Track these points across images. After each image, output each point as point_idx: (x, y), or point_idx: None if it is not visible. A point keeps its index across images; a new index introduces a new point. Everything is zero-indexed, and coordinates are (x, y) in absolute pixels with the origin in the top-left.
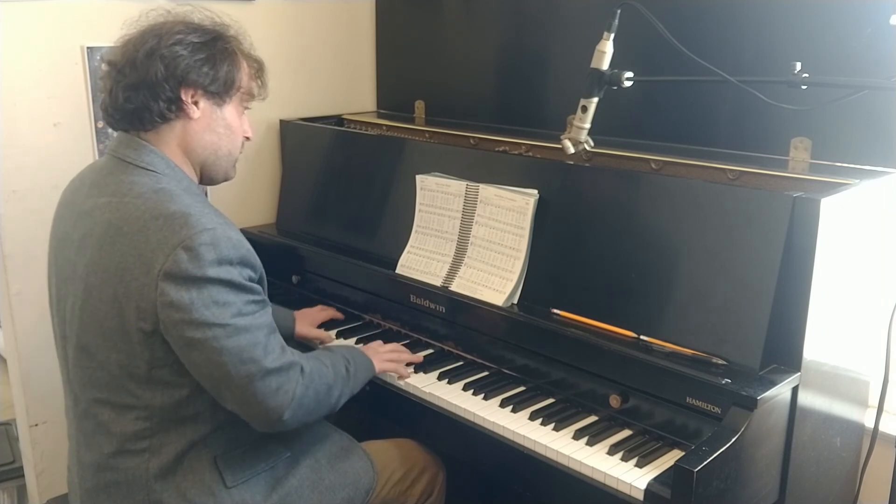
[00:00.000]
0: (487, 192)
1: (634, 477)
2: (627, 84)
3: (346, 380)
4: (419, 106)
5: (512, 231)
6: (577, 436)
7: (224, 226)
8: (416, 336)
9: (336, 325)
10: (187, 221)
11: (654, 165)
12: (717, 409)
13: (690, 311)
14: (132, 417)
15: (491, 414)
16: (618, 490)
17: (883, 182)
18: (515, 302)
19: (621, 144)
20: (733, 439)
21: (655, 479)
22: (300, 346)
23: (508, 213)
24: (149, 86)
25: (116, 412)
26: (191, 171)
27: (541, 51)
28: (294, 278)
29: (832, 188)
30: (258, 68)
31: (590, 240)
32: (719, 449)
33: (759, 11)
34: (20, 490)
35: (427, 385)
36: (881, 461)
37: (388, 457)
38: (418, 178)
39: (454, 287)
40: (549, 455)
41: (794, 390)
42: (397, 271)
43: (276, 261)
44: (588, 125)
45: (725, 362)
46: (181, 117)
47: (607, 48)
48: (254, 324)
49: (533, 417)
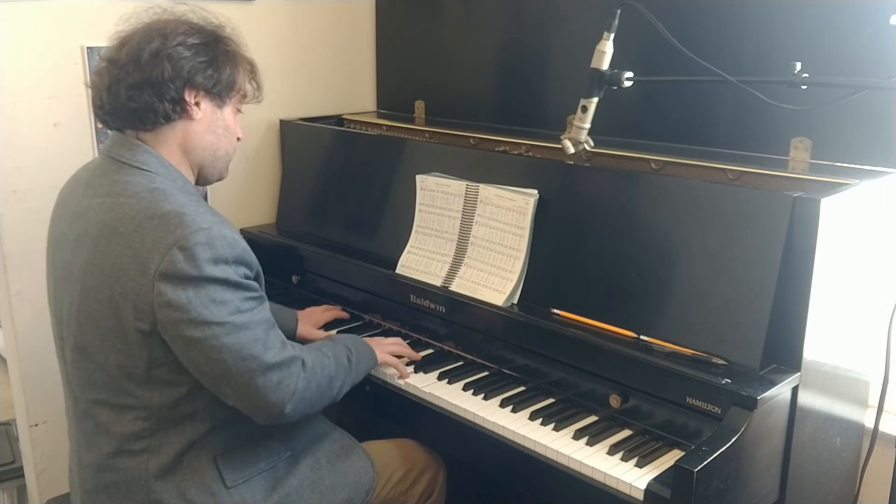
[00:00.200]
0: (487, 192)
1: (634, 477)
2: (627, 84)
3: (347, 370)
4: (419, 106)
5: (512, 231)
6: (577, 436)
7: (219, 225)
8: (416, 336)
9: (336, 325)
10: (182, 221)
11: (654, 165)
12: (717, 409)
13: (690, 311)
14: (131, 417)
15: (491, 414)
16: (618, 490)
17: (883, 182)
18: (515, 302)
19: (621, 144)
20: (733, 439)
21: (655, 479)
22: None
23: (508, 213)
24: (154, 85)
25: (115, 412)
26: (188, 172)
27: (541, 51)
28: (294, 278)
29: (832, 188)
30: (251, 69)
31: (590, 240)
32: (719, 449)
33: (759, 11)
34: (20, 490)
35: (427, 385)
36: (881, 461)
37: (389, 457)
38: (418, 178)
39: (454, 287)
40: (549, 455)
41: (794, 390)
42: (397, 271)
43: (276, 261)
44: (588, 125)
45: (725, 362)
46: (183, 118)
47: (607, 48)
48: (252, 320)
49: (533, 417)
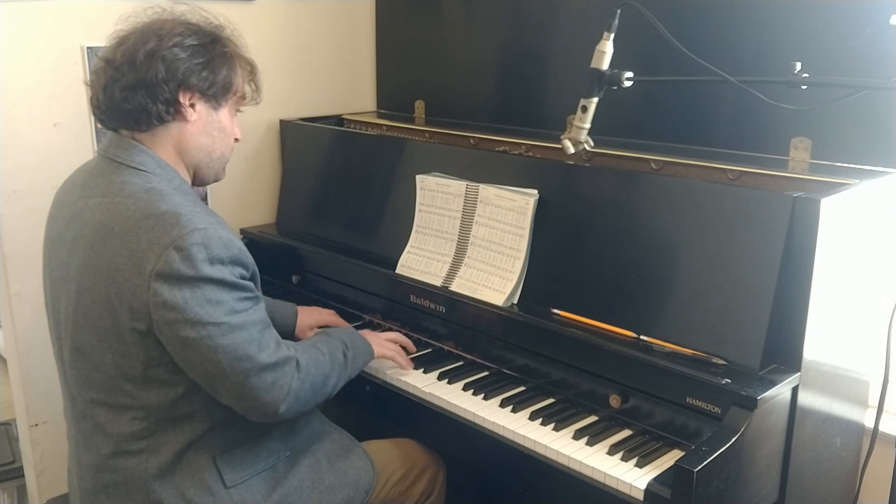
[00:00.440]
0: (487, 192)
1: (634, 477)
2: (627, 84)
3: (343, 366)
4: (419, 106)
5: (512, 231)
6: (577, 436)
7: (215, 225)
8: (416, 336)
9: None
10: (178, 221)
11: (654, 165)
12: (717, 409)
13: (690, 311)
14: (129, 418)
15: (491, 414)
16: (618, 490)
17: (883, 182)
18: (515, 302)
19: (621, 144)
20: (733, 439)
21: (655, 479)
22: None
23: (508, 213)
24: (148, 86)
25: (113, 413)
26: (184, 173)
27: (541, 51)
28: (294, 278)
29: (832, 188)
30: (251, 70)
31: (590, 240)
32: (719, 449)
33: (759, 11)
34: (20, 490)
35: (427, 385)
36: (881, 461)
37: (388, 457)
38: (418, 178)
39: (454, 287)
40: (549, 455)
41: (794, 390)
42: (397, 271)
43: (276, 261)
44: (588, 125)
45: (725, 362)
46: (177, 119)
47: (607, 48)
48: (248, 321)
49: (533, 417)
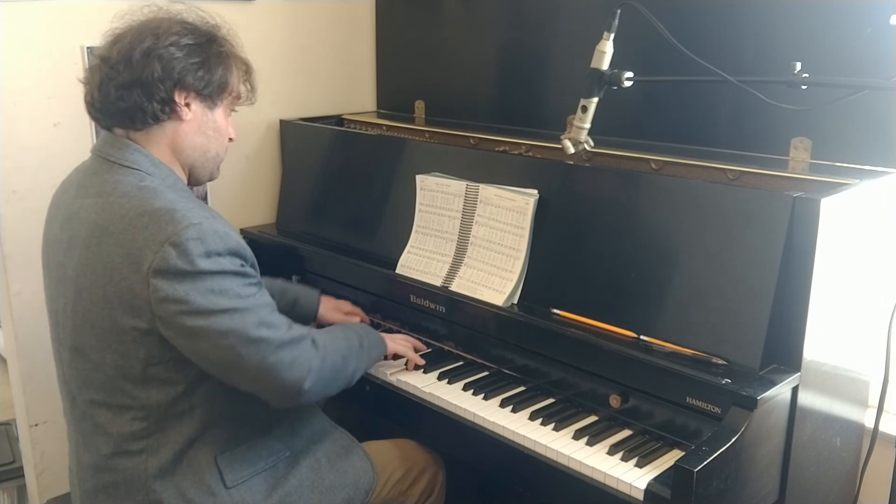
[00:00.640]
0: (487, 192)
1: (634, 477)
2: (627, 84)
3: (359, 353)
4: (419, 106)
5: (512, 231)
6: (577, 436)
7: (210, 219)
8: (415, 336)
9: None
10: (173, 217)
11: (654, 165)
12: (717, 409)
13: (690, 311)
14: (129, 418)
15: (491, 414)
16: (618, 490)
17: (883, 182)
18: (515, 302)
19: (621, 144)
20: (733, 439)
21: (655, 479)
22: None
23: (508, 213)
24: (143, 85)
25: (113, 413)
26: (179, 171)
27: (541, 51)
28: (294, 278)
29: (832, 188)
30: (246, 70)
31: (590, 240)
32: (719, 449)
33: (759, 11)
34: (20, 490)
35: (427, 385)
36: (881, 461)
37: (388, 457)
38: (418, 178)
39: (454, 287)
40: (549, 455)
41: (794, 390)
42: (397, 271)
43: (276, 261)
44: (588, 125)
45: (725, 362)
46: (173, 119)
47: (607, 48)
48: (256, 304)
49: (533, 417)
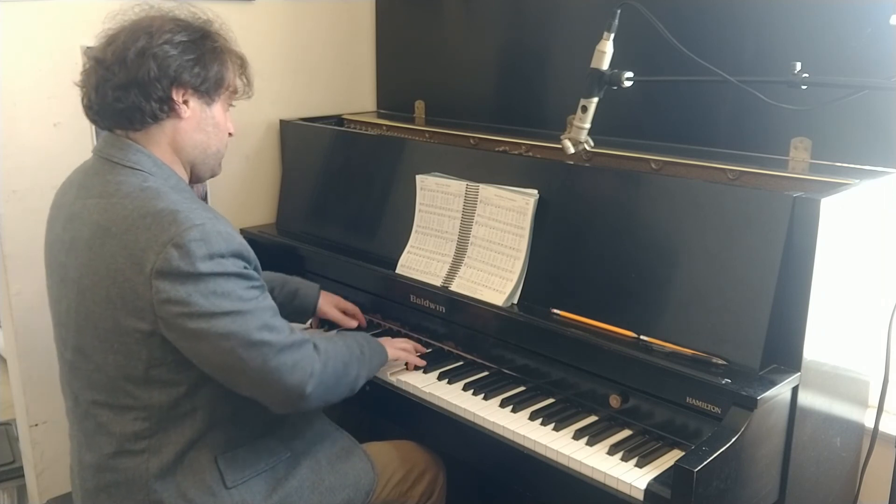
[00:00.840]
0: (487, 192)
1: (634, 477)
2: (627, 84)
3: (360, 360)
4: (419, 106)
5: (512, 231)
6: (577, 436)
7: (213, 220)
8: (416, 336)
9: (335, 325)
10: (176, 218)
11: (654, 165)
12: (717, 409)
13: (690, 311)
14: (131, 418)
15: (491, 414)
16: (618, 490)
17: (883, 182)
18: (515, 302)
19: (621, 144)
20: (733, 439)
21: (655, 479)
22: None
23: (508, 213)
24: (140, 85)
25: (115, 413)
26: (181, 170)
27: (541, 51)
28: None
29: (832, 188)
30: (241, 64)
31: (590, 240)
32: (719, 449)
33: (759, 11)
34: (20, 490)
35: (427, 385)
36: (881, 461)
37: (389, 458)
38: (418, 178)
39: (454, 287)
40: (549, 455)
41: (794, 390)
42: (397, 271)
43: (276, 261)
44: (588, 125)
45: (725, 362)
46: (171, 117)
47: (607, 48)
48: (258, 307)
49: (533, 417)
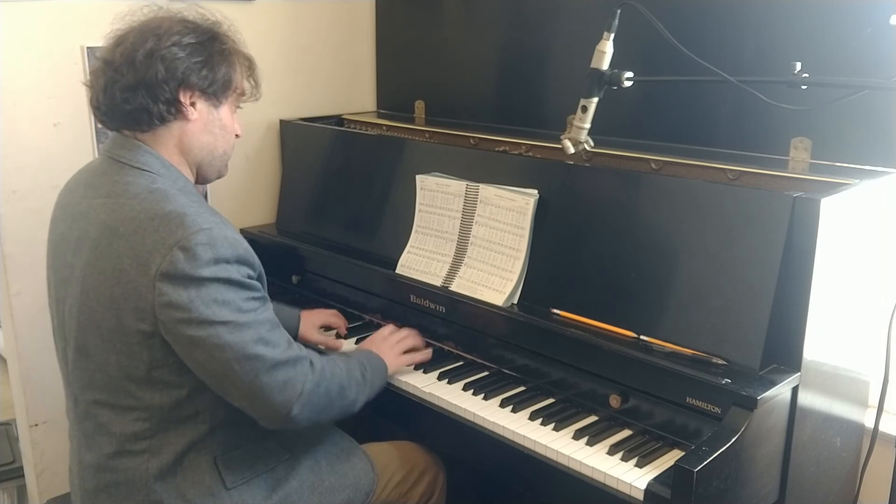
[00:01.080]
0: (487, 192)
1: (634, 477)
2: (627, 84)
3: (360, 385)
4: (419, 106)
5: (512, 231)
6: (577, 436)
7: (220, 225)
8: None
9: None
10: (183, 222)
11: (654, 165)
12: (717, 409)
13: (690, 311)
14: (132, 418)
15: (491, 414)
16: (618, 490)
17: (883, 182)
18: (515, 302)
19: (621, 144)
20: (733, 439)
21: (655, 479)
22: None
23: (508, 213)
24: (148, 87)
25: (116, 413)
26: (188, 172)
27: (541, 51)
28: (294, 278)
29: (832, 188)
30: (249, 66)
31: (590, 240)
32: (719, 449)
33: (759, 11)
34: (20, 490)
35: (427, 385)
36: (881, 461)
37: (389, 459)
38: (418, 178)
39: (454, 287)
40: (549, 455)
41: (794, 390)
42: (397, 271)
43: (276, 261)
44: (588, 125)
45: (725, 362)
46: (179, 119)
47: (607, 48)
48: (256, 319)
49: (533, 417)
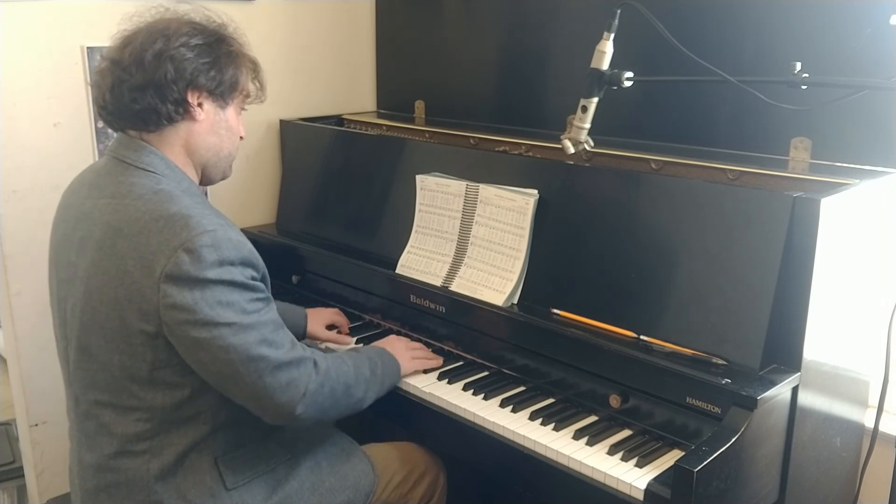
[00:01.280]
0: (487, 192)
1: (634, 477)
2: (627, 84)
3: (369, 381)
4: (419, 106)
5: (512, 231)
6: (577, 436)
7: (225, 227)
8: (415, 336)
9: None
10: (188, 223)
11: (654, 165)
12: (717, 409)
13: (690, 311)
14: (134, 419)
15: (491, 414)
16: (618, 490)
17: (883, 182)
18: (515, 302)
19: (621, 144)
20: (733, 439)
21: (655, 479)
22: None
23: (508, 213)
24: (157, 87)
25: (118, 413)
26: (192, 173)
27: (541, 51)
28: (294, 278)
29: (832, 188)
30: (255, 68)
31: (590, 240)
32: (719, 449)
33: (759, 11)
34: (20, 490)
35: (427, 385)
36: (881, 461)
37: (389, 459)
38: (418, 178)
39: (454, 287)
40: (549, 455)
41: (794, 390)
42: (397, 271)
43: (276, 261)
44: (588, 125)
45: (725, 362)
46: (186, 119)
47: (607, 48)
48: (260, 320)
49: (533, 417)
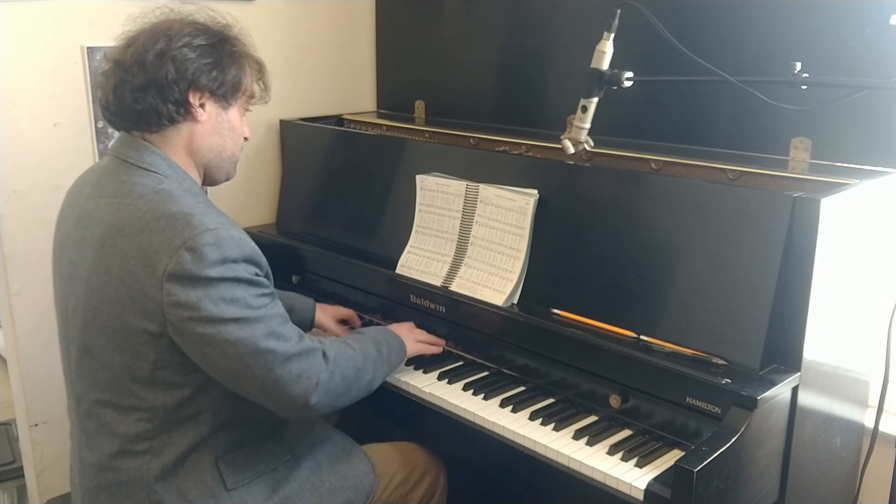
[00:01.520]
0: (487, 192)
1: (634, 477)
2: (627, 84)
3: (376, 362)
4: (419, 106)
5: (512, 231)
6: (577, 436)
7: (227, 225)
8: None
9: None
10: (189, 222)
11: (654, 165)
12: (717, 409)
13: (690, 311)
14: (135, 419)
15: (491, 414)
16: (618, 490)
17: (883, 182)
18: (515, 302)
19: (621, 144)
20: (733, 439)
21: (655, 479)
22: None
23: (508, 213)
24: (158, 87)
25: (119, 413)
26: (195, 173)
27: (541, 51)
28: (294, 278)
29: (832, 188)
30: (259, 69)
31: (590, 240)
32: (719, 449)
33: (759, 11)
34: (20, 490)
35: (427, 385)
36: (881, 461)
37: (390, 460)
38: (418, 178)
39: (454, 287)
40: (549, 455)
41: (794, 390)
42: (397, 271)
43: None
44: (588, 125)
45: (725, 362)
46: (188, 120)
47: (607, 48)
48: (266, 314)
49: (533, 417)
